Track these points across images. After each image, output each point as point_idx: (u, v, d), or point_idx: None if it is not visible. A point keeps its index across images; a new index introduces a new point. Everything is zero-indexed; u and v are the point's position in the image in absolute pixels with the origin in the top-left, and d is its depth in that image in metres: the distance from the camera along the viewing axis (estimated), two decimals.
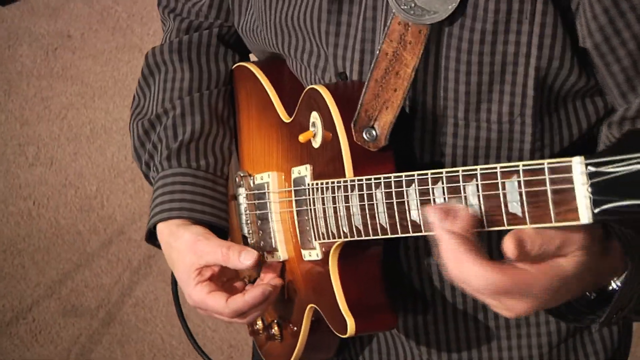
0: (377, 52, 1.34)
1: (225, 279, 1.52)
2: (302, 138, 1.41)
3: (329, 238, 1.39)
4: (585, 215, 1.02)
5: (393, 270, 1.43)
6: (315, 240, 1.42)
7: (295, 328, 1.54)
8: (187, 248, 1.49)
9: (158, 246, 1.57)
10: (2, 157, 4.03)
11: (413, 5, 1.31)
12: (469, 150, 1.37)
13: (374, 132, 1.34)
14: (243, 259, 1.46)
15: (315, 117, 1.40)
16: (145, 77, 1.66)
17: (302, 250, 1.46)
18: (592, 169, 1.01)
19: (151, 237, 1.58)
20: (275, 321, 1.58)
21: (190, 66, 1.63)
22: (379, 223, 1.29)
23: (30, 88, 4.36)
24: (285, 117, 1.52)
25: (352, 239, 1.35)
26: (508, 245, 1.09)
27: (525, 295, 1.13)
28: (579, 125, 1.38)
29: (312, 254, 1.44)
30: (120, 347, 3.31)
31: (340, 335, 1.40)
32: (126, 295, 3.46)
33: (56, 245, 3.67)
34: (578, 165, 1.02)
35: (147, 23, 4.73)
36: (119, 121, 4.19)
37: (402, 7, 1.31)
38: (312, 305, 1.48)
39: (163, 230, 1.54)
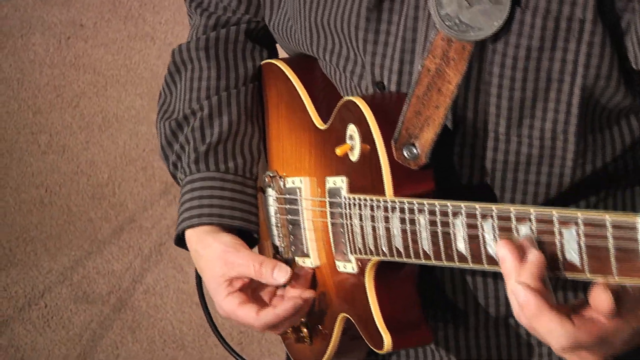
0: (420, 67, 1.29)
1: (253, 288, 1.48)
2: (339, 151, 1.37)
3: (366, 254, 1.35)
4: None
5: (425, 278, 1.39)
6: (351, 254, 1.39)
7: (325, 333, 1.51)
8: (217, 258, 1.46)
9: (187, 249, 1.54)
10: (15, 145, 4.05)
11: (457, 21, 1.27)
12: (509, 164, 1.33)
13: (414, 150, 1.29)
14: (276, 275, 1.44)
15: (352, 130, 1.36)
16: (171, 74, 1.62)
17: (335, 261, 1.43)
18: None
19: (180, 241, 1.55)
20: (305, 323, 1.55)
21: (218, 64, 1.58)
22: (422, 248, 1.26)
23: (42, 77, 4.37)
24: (319, 123, 1.47)
25: (391, 259, 1.31)
26: (605, 299, 1.06)
27: (604, 348, 1.10)
28: (623, 141, 1.35)
29: (347, 267, 1.41)
30: (131, 333, 3.33)
31: (377, 351, 1.37)
32: (137, 282, 3.48)
33: (68, 233, 3.69)
34: None
35: (159, 12, 4.74)
36: (130, 109, 4.20)
37: (446, 23, 1.27)
38: (345, 315, 1.45)
39: (192, 236, 1.51)
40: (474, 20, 1.26)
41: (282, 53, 1.64)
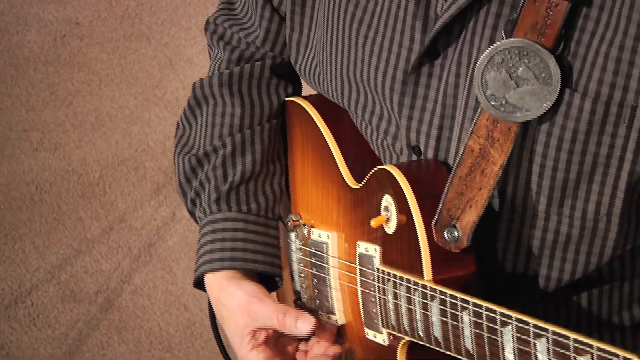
0: (462, 148, 1.23)
1: (276, 339, 1.43)
2: (374, 223, 1.29)
3: (399, 332, 1.29)
4: None
5: None
6: (383, 327, 1.32)
7: None
8: (240, 308, 1.41)
9: (204, 290, 1.48)
10: (7, 142, 4.01)
11: (504, 102, 1.20)
12: (547, 242, 1.27)
13: (456, 233, 1.23)
14: (300, 326, 1.38)
15: (388, 201, 1.29)
16: (191, 107, 1.55)
17: (365, 328, 1.36)
18: None
19: (199, 283, 1.49)
20: None
21: (242, 101, 1.51)
22: (464, 346, 1.18)
23: (37, 74, 4.33)
24: (350, 181, 1.40)
25: (428, 345, 1.24)
26: None
27: None
28: None
29: (378, 337, 1.34)
30: (117, 334, 3.29)
31: None
32: (125, 282, 3.44)
33: (57, 231, 3.65)
34: None
35: (156, 12, 4.71)
36: (124, 109, 4.16)
37: (492, 103, 1.20)
38: None
39: (213, 283, 1.45)
40: (522, 101, 1.20)
41: (306, 88, 1.57)
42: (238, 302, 1.41)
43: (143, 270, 3.49)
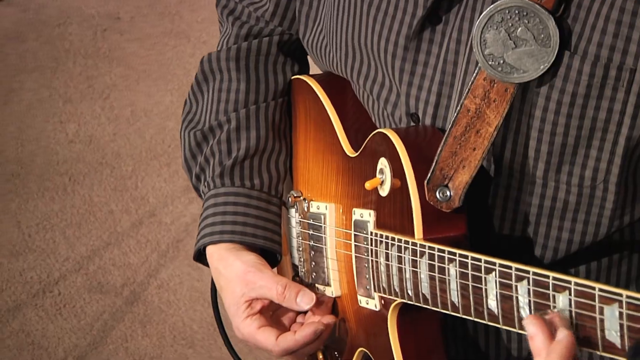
0: (459, 107, 1.23)
1: (273, 310, 1.43)
2: (368, 185, 1.31)
3: (390, 295, 1.29)
4: None
5: (448, 315, 1.32)
6: (375, 291, 1.33)
7: None
8: (238, 278, 1.41)
9: (207, 265, 1.48)
10: (43, 132, 4.05)
11: (501, 62, 1.20)
12: (544, 209, 1.27)
13: (447, 192, 1.23)
14: (300, 301, 1.39)
15: (383, 163, 1.30)
16: (199, 83, 1.55)
17: (358, 296, 1.37)
18: None
19: (200, 256, 1.49)
20: (322, 351, 1.50)
21: (248, 76, 1.51)
22: (450, 299, 1.19)
23: (76, 67, 4.37)
24: (349, 150, 1.41)
25: (417, 304, 1.25)
26: None
27: None
28: None
29: (370, 303, 1.35)
30: (141, 327, 3.31)
31: None
32: (152, 276, 3.46)
33: (88, 222, 3.68)
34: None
35: (196, 10, 4.73)
36: (159, 105, 4.18)
37: (490, 62, 1.20)
38: (363, 349, 1.39)
39: (213, 253, 1.45)
40: (519, 62, 1.19)
41: (313, 67, 1.57)
42: (236, 272, 1.42)
43: (170, 265, 3.51)
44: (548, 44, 1.19)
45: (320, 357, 1.51)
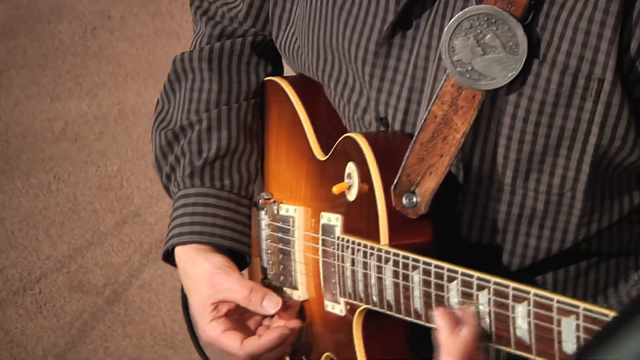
0: (426, 113, 1.21)
1: (239, 314, 1.42)
2: (336, 189, 1.30)
3: (355, 300, 1.28)
4: None
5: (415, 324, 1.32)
6: (341, 296, 1.32)
7: None
8: (205, 279, 1.39)
9: (175, 266, 1.46)
10: (30, 129, 4.03)
11: (470, 68, 1.19)
12: (512, 216, 1.26)
13: (414, 199, 1.23)
14: (265, 305, 1.38)
15: (351, 168, 1.29)
16: (171, 82, 1.54)
17: (324, 300, 1.36)
18: None
19: (168, 257, 1.48)
20: (288, 354, 1.49)
21: (220, 76, 1.50)
22: (413, 307, 1.19)
23: (65, 64, 4.35)
24: (318, 154, 1.40)
25: (381, 310, 1.24)
26: None
27: None
28: (631, 200, 1.28)
29: (336, 308, 1.34)
30: (122, 327, 3.28)
31: None
32: (134, 276, 3.44)
33: (71, 221, 3.65)
34: None
35: (187, 10, 4.71)
36: (148, 104, 4.16)
37: (458, 69, 1.19)
38: (330, 354, 1.38)
39: (181, 254, 1.44)
40: (488, 69, 1.19)
41: (287, 69, 1.56)
42: (203, 273, 1.40)
43: (153, 266, 3.49)
44: (516, 52, 1.18)
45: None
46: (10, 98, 4.16)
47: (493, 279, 1.09)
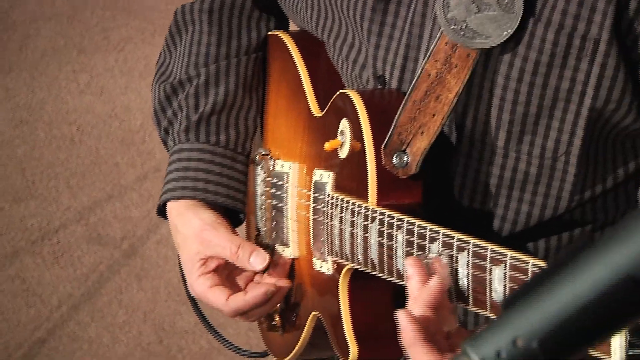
0: (419, 71, 1.19)
1: (230, 270, 1.41)
2: (328, 146, 1.29)
3: (342, 259, 1.28)
4: (617, 354, 0.91)
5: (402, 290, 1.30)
6: (328, 255, 1.31)
7: (297, 325, 1.44)
8: (194, 235, 1.39)
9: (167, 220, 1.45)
10: (55, 81, 4.04)
11: (464, 26, 1.16)
12: (504, 180, 1.24)
13: (405, 158, 1.21)
14: (253, 261, 1.37)
15: (344, 125, 1.27)
16: (172, 35, 1.53)
17: (313, 258, 1.36)
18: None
19: (161, 212, 1.47)
20: (278, 312, 1.48)
21: (220, 30, 1.49)
22: (396, 266, 1.18)
23: (93, 17, 4.35)
24: (315, 110, 1.38)
25: (365, 269, 1.23)
26: None
27: None
28: (626, 167, 1.25)
29: (323, 267, 1.33)
30: (137, 281, 3.31)
31: (342, 358, 1.29)
32: (152, 231, 3.46)
33: (92, 174, 3.67)
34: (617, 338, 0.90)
35: None
36: None
37: (452, 26, 1.16)
38: (317, 313, 1.38)
39: (172, 209, 1.43)
40: (482, 27, 1.16)
41: (293, 24, 1.53)
42: (193, 229, 1.40)
43: None
44: (512, 10, 1.15)
45: (277, 318, 1.50)
46: (37, 49, 4.18)
47: (472, 240, 1.07)
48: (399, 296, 1.25)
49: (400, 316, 1.06)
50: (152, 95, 1.54)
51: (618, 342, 0.91)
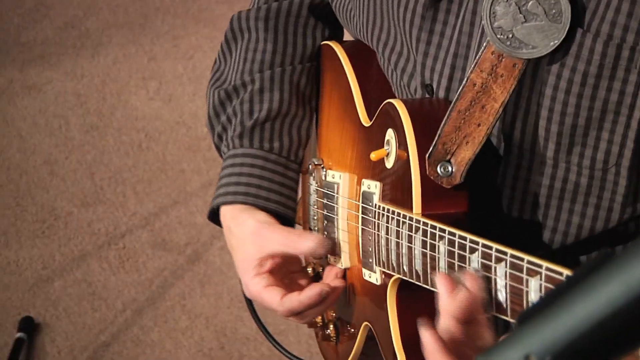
0: (465, 80, 1.19)
1: (286, 272, 1.42)
2: (374, 156, 1.29)
3: (389, 269, 1.28)
4: None
5: None
6: (376, 265, 1.31)
7: (351, 335, 1.44)
8: (251, 235, 1.40)
9: (221, 226, 1.48)
10: (125, 88, 4.10)
11: (510, 35, 1.15)
12: (555, 191, 1.23)
13: (449, 168, 1.20)
14: (304, 239, 1.38)
15: (390, 135, 1.27)
16: (227, 42, 1.55)
17: (362, 269, 1.36)
18: None
19: (214, 216, 1.49)
20: (333, 322, 1.49)
21: (275, 37, 1.49)
22: None
23: (164, 25, 4.41)
24: (365, 120, 1.39)
25: (411, 280, 1.22)
26: None
27: None
28: None
29: (372, 277, 1.33)
30: (200, 286, 3.34)
31: None
32: (216, 237, 3.48)
33: (159, 180, 3.72)
34: None
35: None
36: None
37: (498, 36, 1.16)
38: (368, 324, 1.38)
39: (226, 213, 1.45)
40: (529, 37, 1.15)
41: (348, 34, 1.53)
42: (249, 229, 1.40)
43: None
44: (559, 20, 1.14)
45: (331, 327, 1.50)
46: (108, 56, 4.24)
47: (510, 251, 1.06)
48: None
49: (422, 326, 1.06)
50: (206, 101, 1.55)
51: None
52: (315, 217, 1.49)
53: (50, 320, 3.21)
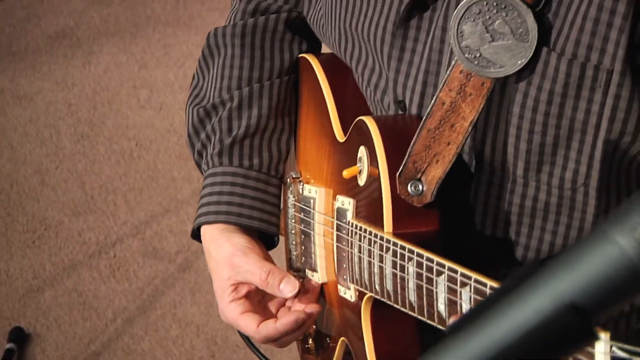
0: (433, 99, 1.19)
1: (261, 295, 1.41)
2: (346, 173, 1.29)
3: (362, 287, 1.28)
4: None
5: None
6: (351, 282, 1.31)
7: (330, 348, 1.44)
8: (225, 260, 1.39)
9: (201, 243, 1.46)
10: (116, 96, 4.11)
11: (478, 55, 1.16)
12: (526, 209, 1.23)
13: (420, 186, 1.20)
14: (283, 288, 1.37)
15: (362, 152, 1.27)
16: (205, 58, 1.54)
17: (338, 285, 1.36)
18: (619, 354, 0.87)
19: (196, 236, 1.49)
20: (312, 336, 1.49)
21: (252, 53, 1.49)
22: (408, 298, 1.17)
23: (155, 33, 4.41)
24: (339, 135, 1.39)
25: (382, 299, 1.22)
26: None
27: None
28: None
29: (347, 294, 1.33)
30: (191, 294, 3.34)
31: None
32: None
33: (149, 188, 3.72)
34: (602, 345, 0.88)
35: None
36: None
37: (466, 55, 1.16)
38: (344, 340, 1.38)
39: (206, 234, 1.45)
40: (496, 56, 1.15)
41: (325, 47, 1.52)
42: (224, 254, 1.40)
43: None
44: (526, 39, 1.14)
45: (311, 342, 1.50)
46: (100, 65, 4.25)
47: (474, 275, 1.06)
48: (422, 325, 1.25)
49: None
50: (185, 118, 1.54)
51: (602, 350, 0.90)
52: (293, 231, 1.49)
53: (40, 330, 3.21)
